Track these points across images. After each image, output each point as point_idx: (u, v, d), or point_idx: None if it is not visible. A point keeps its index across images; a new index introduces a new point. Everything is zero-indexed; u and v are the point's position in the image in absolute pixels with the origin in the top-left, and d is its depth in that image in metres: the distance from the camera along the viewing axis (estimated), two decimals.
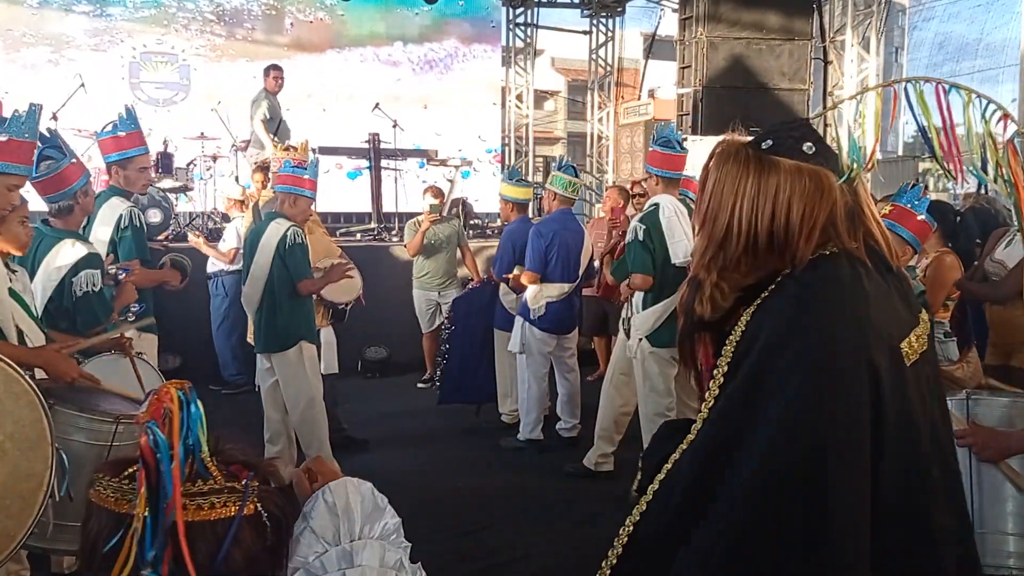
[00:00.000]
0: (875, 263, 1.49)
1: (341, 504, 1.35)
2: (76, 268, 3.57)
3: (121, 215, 4.16)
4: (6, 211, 2.82)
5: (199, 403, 1.12)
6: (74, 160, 3.68)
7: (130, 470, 1.11)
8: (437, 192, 6.92)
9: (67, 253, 3.59)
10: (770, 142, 1.52)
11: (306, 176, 4.58)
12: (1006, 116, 1.59)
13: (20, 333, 2.85)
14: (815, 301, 1.44)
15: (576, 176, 5.63)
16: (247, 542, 1.10)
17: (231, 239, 6.73)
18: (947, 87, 1.58)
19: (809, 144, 1.50)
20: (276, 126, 8.59)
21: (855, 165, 1.53)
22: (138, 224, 4.22)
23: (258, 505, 1.12)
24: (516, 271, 5.52)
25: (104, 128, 4.22)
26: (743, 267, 1.50)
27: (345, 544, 1.31)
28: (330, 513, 1.33)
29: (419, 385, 7.11)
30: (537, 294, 5.34)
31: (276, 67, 8.87)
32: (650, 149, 4.58)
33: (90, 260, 3.64)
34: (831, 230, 1.47)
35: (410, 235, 6.87)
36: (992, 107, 1.59)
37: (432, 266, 6.78)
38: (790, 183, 1.46)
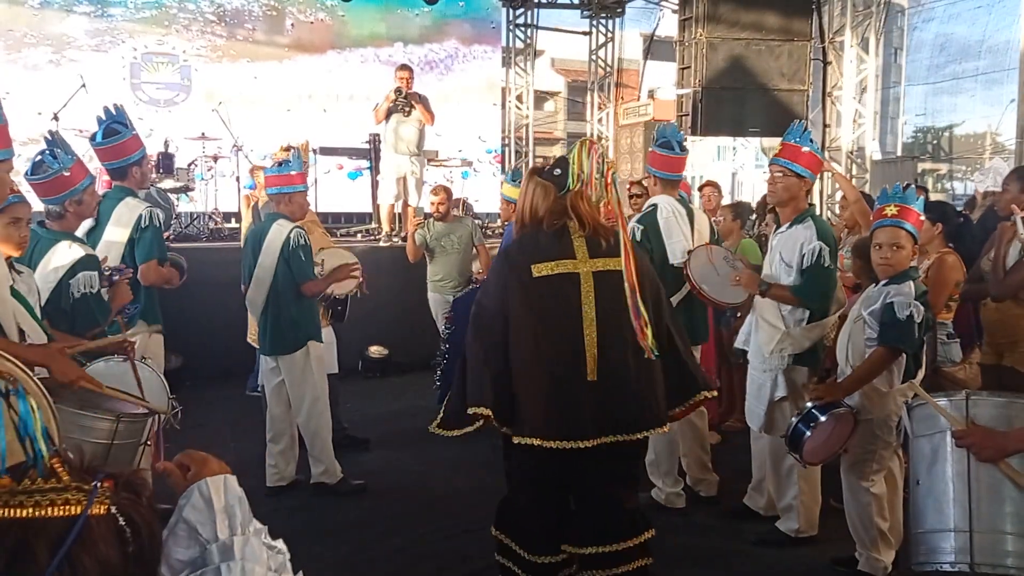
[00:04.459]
0: (559, 231, 2.91)
1: (219, 499, 1.30)
2: (73, 270, 3.55)
3: (141, 215, 4.16)
4: (7, 197, 2.83)
5: (31, 401, 1.05)
6: (69, 168, 3.66)
7: None
8: (436, 190, 6.73)
9: (63, 255, 3.57)
10: (543, 169, 3.04)
11: (291, 171, 4.58)
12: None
13: (21, 333, 2.86)
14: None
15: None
16: (99, 545, 1.00)
17: None
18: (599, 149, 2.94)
19: (558, 171, 2.93)
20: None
21: (572, 186, 2.90)
22: (157, 224, 4.23)
23: (112, 508, 1.02)
24: None
25: (110, 135, 4.14)
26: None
27: (225, 538, 1.27)
28: (207, 507, 1.29)
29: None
30: None
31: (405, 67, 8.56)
32: (650, 150, 4.59)
33: (87, 262, 3.62)
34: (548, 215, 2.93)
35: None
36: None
37: (444, 269, 6.54)
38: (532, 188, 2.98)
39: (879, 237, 3.43)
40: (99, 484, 1.03)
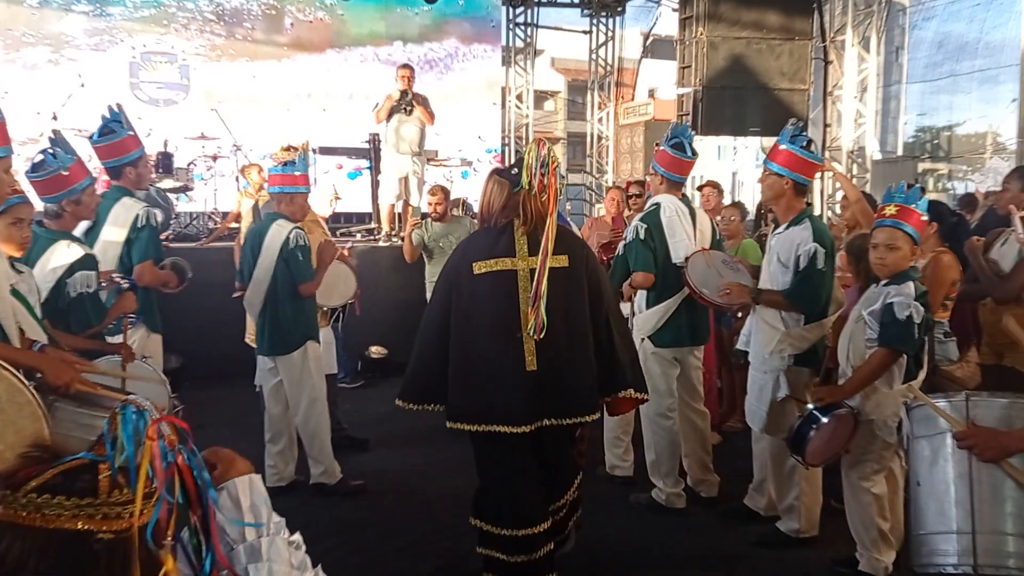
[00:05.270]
0: (504, 227, 3.16)
1: (246, 500, 1.33)
2: (71, 270, 3.56)
3: (138, 215, 4.15)
4: (7, 195, 2.82)
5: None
6: (68, 167, 3.65)
7: (33, 483, 1.06)
8: (433, 191, 6.73)
9: (62, 255, 3.57)
10: (504, 168, 3.29)
11: (296, 172, 4.57)
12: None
13: (21, 333, 2.85)
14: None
15: (561, 177, 5.61)
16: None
17: None
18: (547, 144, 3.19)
19: (516, 170, 3.15)
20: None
21: (525, 183, 3.09)
22: (154, 224, 4.23)
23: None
24: None
25: (105, 133, 4.16)
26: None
27: (252, 540, 1.29)
28: (235, 508, 1.32)
29: None
30: None
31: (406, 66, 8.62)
32: (660, 147, 4.53)
33: (85, 262, 3.63)
34: (502, 210, 3.18)
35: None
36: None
37: (440, 269, 6.54)
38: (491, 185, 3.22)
39: (877, 237, 3.42)
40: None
